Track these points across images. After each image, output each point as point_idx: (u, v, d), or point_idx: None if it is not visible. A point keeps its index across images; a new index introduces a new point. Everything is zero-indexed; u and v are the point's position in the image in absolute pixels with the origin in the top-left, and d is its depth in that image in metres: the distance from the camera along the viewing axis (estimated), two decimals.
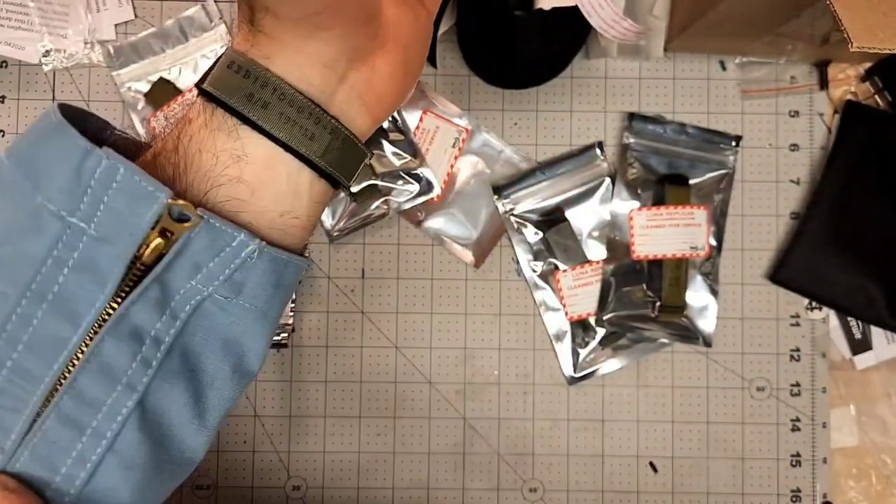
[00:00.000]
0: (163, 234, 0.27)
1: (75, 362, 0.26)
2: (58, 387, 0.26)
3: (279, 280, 0.29)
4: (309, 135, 0.28)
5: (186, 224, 0.27)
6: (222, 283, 0.28)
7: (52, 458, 0.26)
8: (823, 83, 0.54)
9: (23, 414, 0.26)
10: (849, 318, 0.54)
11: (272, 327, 0.30)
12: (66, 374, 0.26)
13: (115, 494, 0.27)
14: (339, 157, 0.29)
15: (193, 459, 0.29)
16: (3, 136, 0.52)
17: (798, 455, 0.53)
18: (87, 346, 0.26)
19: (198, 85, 0.28)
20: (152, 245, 0.27)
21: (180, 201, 0.26)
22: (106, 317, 0.26)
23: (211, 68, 0.29)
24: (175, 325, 0.28)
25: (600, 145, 0.53)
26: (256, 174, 0.28)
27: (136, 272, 0.27)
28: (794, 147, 0.54)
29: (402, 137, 0.52)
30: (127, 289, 0.27)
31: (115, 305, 0.27)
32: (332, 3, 0.26)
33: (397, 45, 0.30)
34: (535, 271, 0.53)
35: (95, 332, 0.26)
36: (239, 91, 0.27)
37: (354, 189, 0.51)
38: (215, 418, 0.29)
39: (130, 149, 0.29)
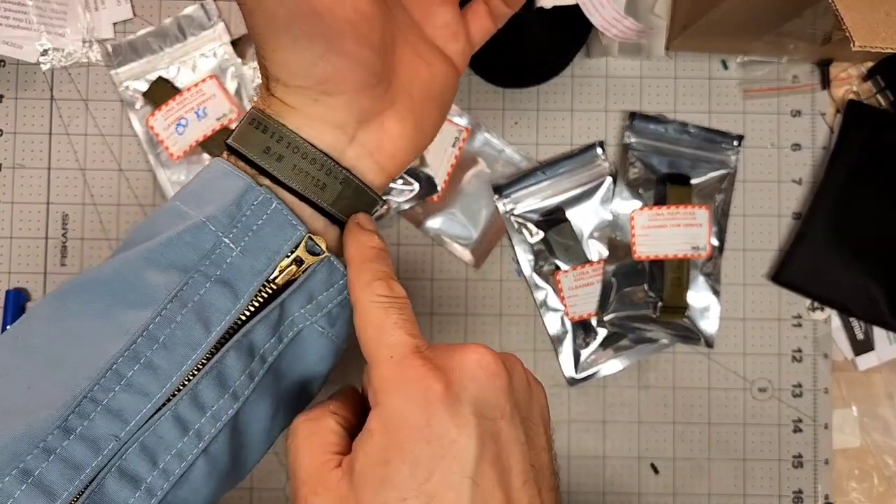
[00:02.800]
0: (296, 262, 0.30)
1: (199, 367, 0.29)
2: (180, 387, 0.28)
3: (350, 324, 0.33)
4: (320, 185, 0.30)
5: (316, 257, 0.30)
6: (324, 314, 0.31)
7: (155, 451, 0.28)
8: (825, 82, 0.54)
9: (143, 408, 0.28)
10: (851, 319, 0.54)
11: (337, 360, 0.34)
12: (190, 377, 0.28)
13: (195, 499, 0.29)
14: (351, 205, 0.32)
15: (248, 474, 0.32)
16: (1, 135, 0.52)
17: (800, 456, 0.53)
18: (211, 353, 0.29)
19: (225, 140, 0.31)
20: (286, 270, 0.30)
21: (316, 236, 0.30)
22: (231, 330, 0.29)
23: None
24: (279, 346, 0.31)
25: (601, 145, 0.53)
26: None
27: (264, 293, 0.30)
28: (796, 147, 0.54)
29: None
30: (251, 307, 0.30)
31: (240, 319, 0.30)
32: (335, 72, 0.29)
33: (409, 103, 0.32)
34: (535, 271, 0.53)
35: (220, 342, 0.29)
36: (257, 145, 0.30)
37: None
38: (276, 437, 0.32)
39: None
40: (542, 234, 0.53)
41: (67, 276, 0.52)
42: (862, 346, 0.54)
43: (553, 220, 0.53)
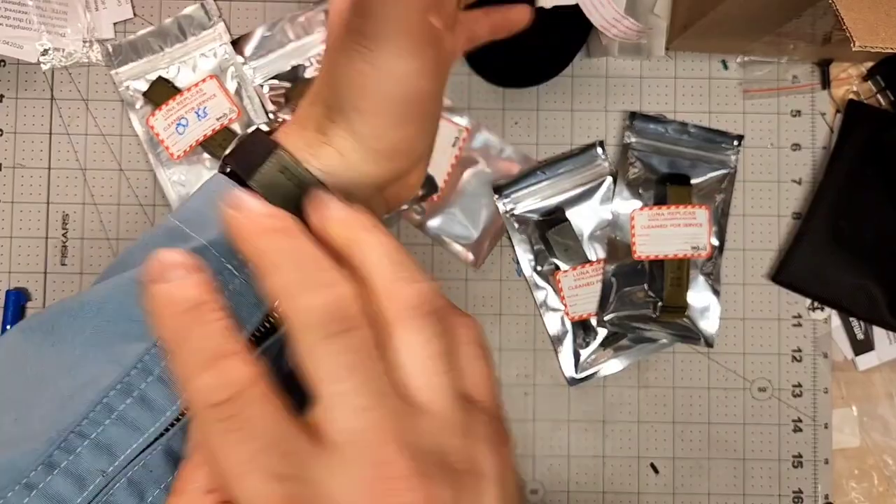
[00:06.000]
0: None
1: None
2: (175, 421, 0.26)
3: None
4: None
5: None
6: None
7: (143, 486, 0.26)
8: (825, 82, 0.54)
9: (134, 443, 0.26)
10: (851, 319, 0.54)
11: None
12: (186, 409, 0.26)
13: None
14: None
15: None
16: (1, 134, 0.52)
17: (800, 456, 0.53)
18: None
19: (244, 183, 0.28)
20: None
21: None
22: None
23: (246, 152, 0.29)
24: (282, 360, 0.29)
25: (601, 144, 0.53)
26: None
27: (265, 324, 0.28)
28: (796, 147, 0.54)
29: None
30: (255, 334, 0.28)
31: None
32: (415, 143, 0.29)
33: (425, 164, 0.32)
34: (535, 271, 0.53)
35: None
36: (289, 201, 0.27)
37: None
38: None
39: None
40: (542, 233, 0.53)
41: (68, 276, 0.52)
42: (862, 346, 0.54)
43: (553, 219, 0.53)
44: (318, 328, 0.20)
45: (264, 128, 0.31)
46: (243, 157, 0.29)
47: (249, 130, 0.31)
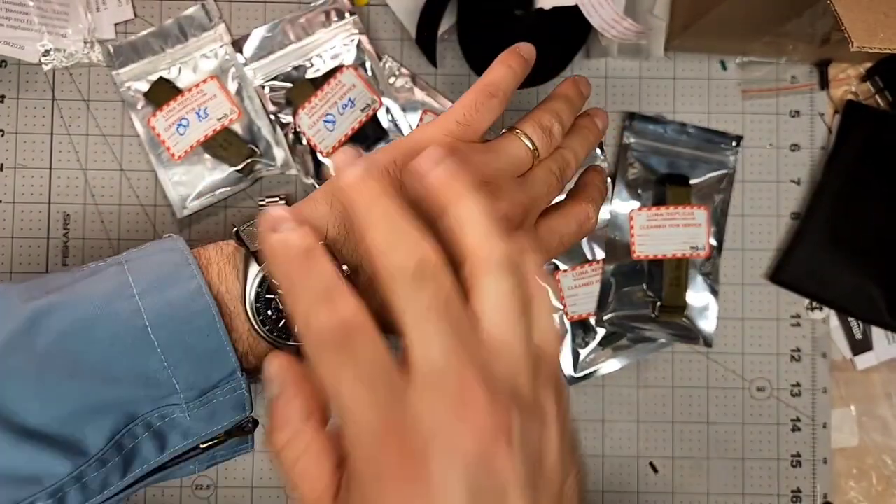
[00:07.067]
0: (226, 432, 0.33)
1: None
2: None
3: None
4: None
5: (242, 432, 0.34)
6: (209, 461, 0.36)
7: None
8: (824, 83, 0.54)
9: None
10: (849, 319, 0.54)
11: None
12: None
13: None
14: None
15: None
16: (2, 135, 0.52)
17: (798, 455, 0.53)
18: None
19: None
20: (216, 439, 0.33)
21: (252, 419, 0.34)
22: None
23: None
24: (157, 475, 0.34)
25: (600, 145, 0.53)
26: None
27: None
28: (795, 147, 0.54)
29: (402, 137, 0.52)
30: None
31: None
32: None
33: None
34: None
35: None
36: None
37: None
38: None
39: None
40: None
41: None
42: (860, 346, 0.54)
43: None
44: (408, 279, 0.23)
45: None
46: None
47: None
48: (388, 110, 0.52)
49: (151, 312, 0.31)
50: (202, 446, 0.33)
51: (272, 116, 0.52)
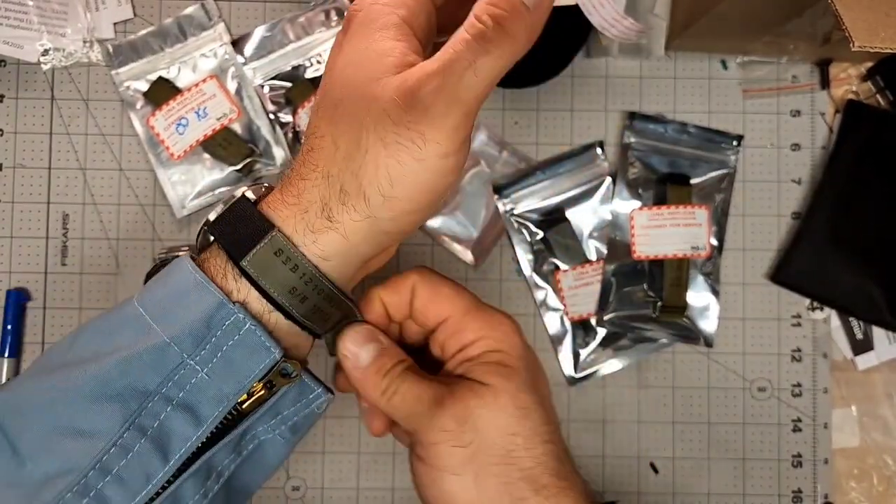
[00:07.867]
0: (266, 385, 0.29)
1: (155, 494, 0.28)
2: None
3: (314, 422, 0.33)
4: (331, 322, 0.31)
5: (288, 379, 0.29)
6: (289, 426, 0.31)
7: None
8: (825, 82, 0.54)
9: None
10: (850, 319, 0.54)
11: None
12: None
13: None
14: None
15: None
16: (1, 134, 0.52)
17: (799, 456, 0.53)
18: (169, 482, 0.28)
19: (236, 261, 0.29)
20: (256, 395, 0.29)
21: (291, 360, 0.29)
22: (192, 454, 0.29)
23: (235, 228, 0.29)
24: (237, 461, 0.30)
25: (601, 145, 0.53)
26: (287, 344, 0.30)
27: (228, 415, 0.29)
28: (796, 147, 0.54)
29: None
30: (214, 429, 0.29)
31: (201, 443, 0.29)
32: (413, 229, 0.31)
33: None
34: (535, 271, 0.53)
35: (179, 470, 0.28)
36: (283, 284, 0.29)
37: None
38: None
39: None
40: (541, 233, 0.53)
41: (68, 276, 0.52)
42: (861, 346, 0.54)
43: (553, 219, 0.53)
44: None
45: (250, 194, 0.30)
46: (233, 232, 0.29)
47: (235, 196, 0.30)
48: None
49: (139, 298, 0.30)
50: (244, 407, 0.29)
51: (272, 116, 0.52)
